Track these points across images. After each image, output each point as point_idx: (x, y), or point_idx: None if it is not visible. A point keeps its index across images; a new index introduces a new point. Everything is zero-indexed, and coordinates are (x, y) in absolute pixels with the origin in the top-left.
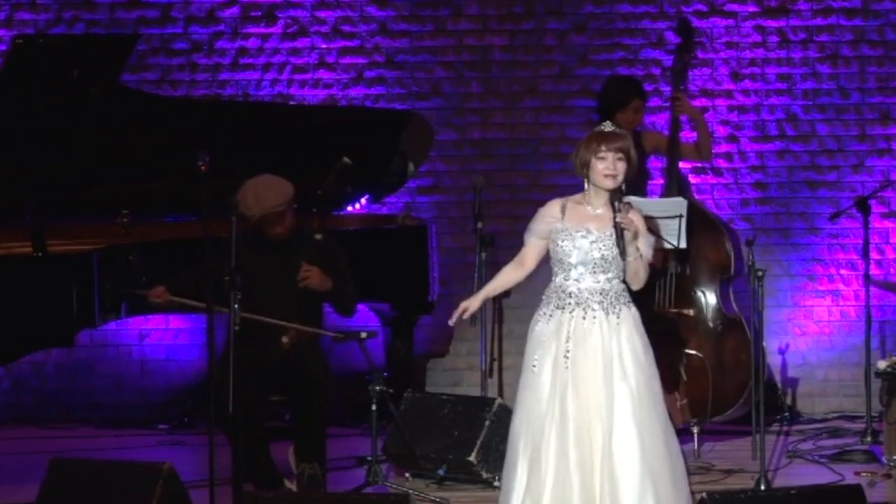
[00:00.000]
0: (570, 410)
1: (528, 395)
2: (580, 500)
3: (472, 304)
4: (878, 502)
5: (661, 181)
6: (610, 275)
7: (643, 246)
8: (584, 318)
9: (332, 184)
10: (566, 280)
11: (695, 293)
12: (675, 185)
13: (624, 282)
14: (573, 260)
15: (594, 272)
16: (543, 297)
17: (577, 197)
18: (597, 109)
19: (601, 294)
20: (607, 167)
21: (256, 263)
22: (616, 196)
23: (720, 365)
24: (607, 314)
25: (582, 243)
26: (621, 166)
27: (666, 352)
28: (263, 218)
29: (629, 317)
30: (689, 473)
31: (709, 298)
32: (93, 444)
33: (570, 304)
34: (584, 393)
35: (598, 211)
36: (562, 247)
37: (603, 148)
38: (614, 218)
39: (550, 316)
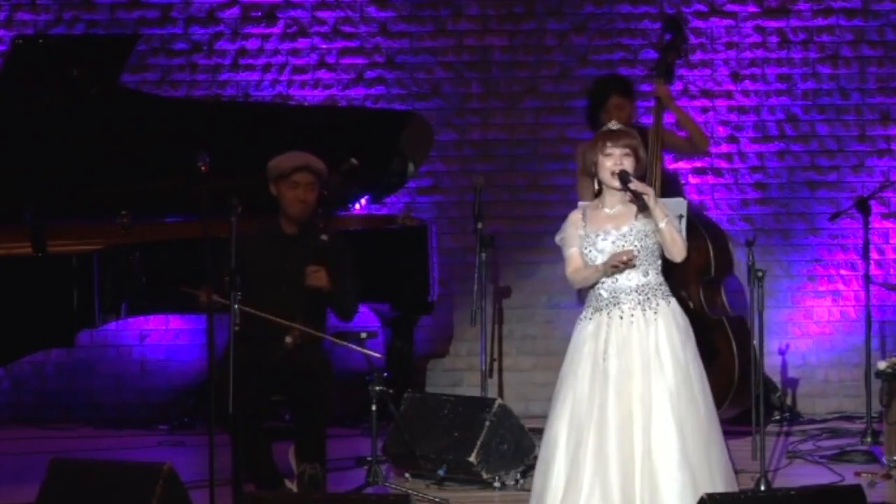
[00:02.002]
0: (609, 411)
1: (569, 397)
2: (620, 502)
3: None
4: (878, 502)
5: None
6: (643, 268)
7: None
8: (621, 317)
9: (338, 185)
10: (601, 283)
11: (678, 295)
12: (656, 184)
13: (662, 273)
14: (599, 263)
15: (625, 271)
16: (585, 301)
17: (594, 202)
18: (586, 115)
19: (637, 291)
20: (615, 163)
21: (263, 261)
22: (624, 174)
23: (705, 367)
24: (644, 311)
25: (604, 246)
26: (628, 162)
27: None
28: (297, 171)
29: (667, 311)
30: None
31: (692, 300)
32: (93, 444)
33: (606, 305)
34: (625, 391)
35: (615, 209)
36: (587, 255)
37: (609, 145)
38: (627, 191)
39: (590, 319)
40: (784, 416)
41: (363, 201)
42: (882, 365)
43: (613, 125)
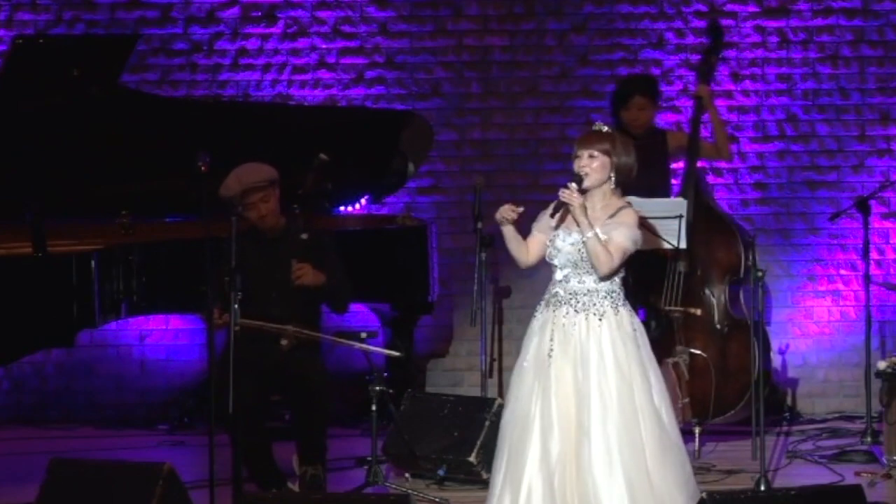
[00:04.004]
0: (553, 407)
1: (514, 391)
2: (559, 496)
3: (508, 226)
4: (878, 502)
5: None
6: (596, 276)
7: (618, 233)
8: (565, 316)
9: (312, 183)
10: (556, 280)
11: (703, 293)
12: (692, 185)
13: (620, 283)
14: (556, 262)
15: (579, 274)
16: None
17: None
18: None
19: (586, 295)
20: (579, 167)
21: (252, 264)
22: (575, 178)
23: (724, 366)
24: (587, 316)
25: (562, 245)
26: (597, 164)
27: (667, 350)
28: (245, 195)
29: (614, 319)
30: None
31: (717, 299)
32: (93, 445)
33: (556, 303)
34: (563, 394)
35: (591, 212)
36: (549, 248)
37: (576, 148)
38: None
39: (540, 314)
40: (784, 416)
41: (363, 201)
42: (882, 365)
43: (595, 127)
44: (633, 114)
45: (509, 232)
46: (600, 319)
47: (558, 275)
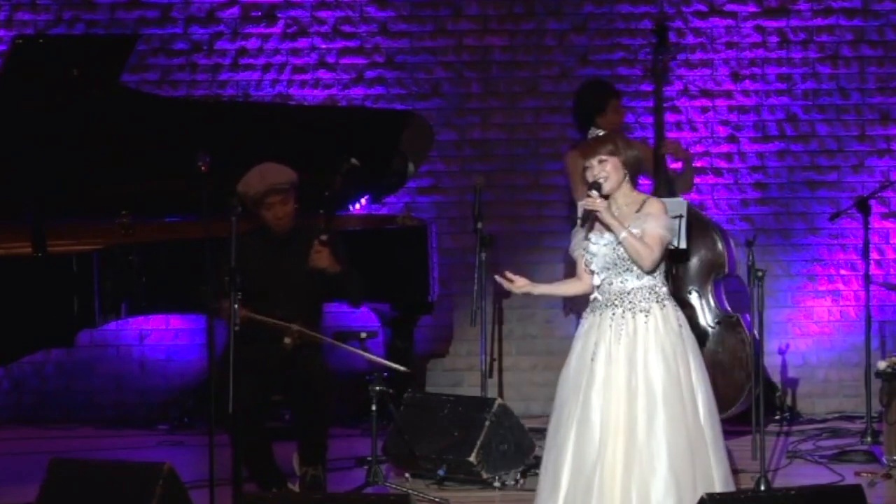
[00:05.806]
0: (593, 412)
1: (558, 396)
2: (597, 495)
3: (532, 287)
4: (878, 502)
5: (645, 181)
6: (638, 272)
7: (649, 224)
8: (612, 318)
9: (339, 185)
10: (598, 285)
11: (691, 293)
12: (664, 186)
13: (663, 278)
14: (595, 267)
15: (619, 273)
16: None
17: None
18: (576, 118)
19: (630, 294)
20: (594, 175)
21: (259, 262)
22: (594, 186)
23: (719, 364)
24: (634, 315)
25: (596, 249)
26: (608, 167)
27: None
28: (266, 195)
29: (660, 315)
30: None
31: (705, 297)
32: (93, 444)
33: (600, 307)
34: (607, 395)
35: (618, 213)
36: (585, 256)
37: (584, 160)
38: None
39: (586, 318)
40: (784, 416)
41: (363, 201)
42: (882, 365)
43: (590, 135)
44: (611, 117)
45: (540, 290)
46: (646, 316)
47: (596, 280)
